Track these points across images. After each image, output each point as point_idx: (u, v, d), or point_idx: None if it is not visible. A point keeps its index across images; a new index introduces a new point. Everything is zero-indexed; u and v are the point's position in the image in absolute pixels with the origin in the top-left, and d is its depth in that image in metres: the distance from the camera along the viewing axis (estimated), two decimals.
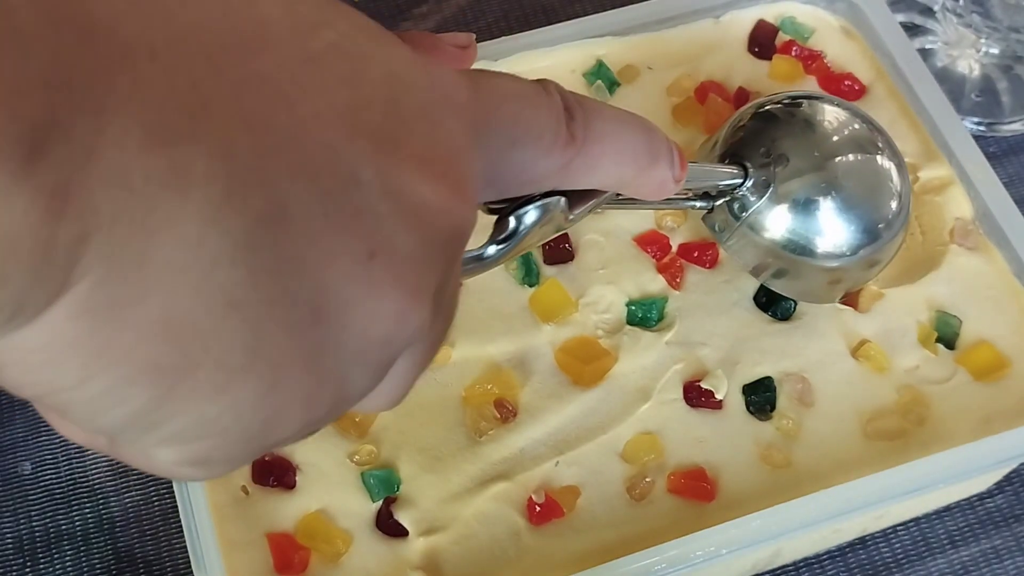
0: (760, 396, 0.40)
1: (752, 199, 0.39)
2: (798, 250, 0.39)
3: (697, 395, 0.40)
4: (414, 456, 0.39)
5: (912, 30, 0.57)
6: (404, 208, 0.20)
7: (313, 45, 0.19)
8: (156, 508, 0.46)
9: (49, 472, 0.46)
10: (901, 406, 0.40)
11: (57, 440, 0.47)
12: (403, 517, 0.38)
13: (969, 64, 0.57)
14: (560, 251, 0.43)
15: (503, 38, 0.46)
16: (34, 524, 0.45)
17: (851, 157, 0.39)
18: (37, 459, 0.46)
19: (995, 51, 0.57)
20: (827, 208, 0.39)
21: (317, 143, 0.19)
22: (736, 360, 0.41)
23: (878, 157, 0.40)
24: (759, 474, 0.39)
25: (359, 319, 0.19)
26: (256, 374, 0.18)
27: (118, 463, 0.47)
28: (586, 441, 0.39)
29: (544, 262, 0.43)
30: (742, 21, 0.49)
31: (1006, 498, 0.47)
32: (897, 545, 0.45)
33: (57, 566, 0.44)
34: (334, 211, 0.19)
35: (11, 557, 0.45)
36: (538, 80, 0.26)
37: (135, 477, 0.46)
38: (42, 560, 0.45)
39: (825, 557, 0.45)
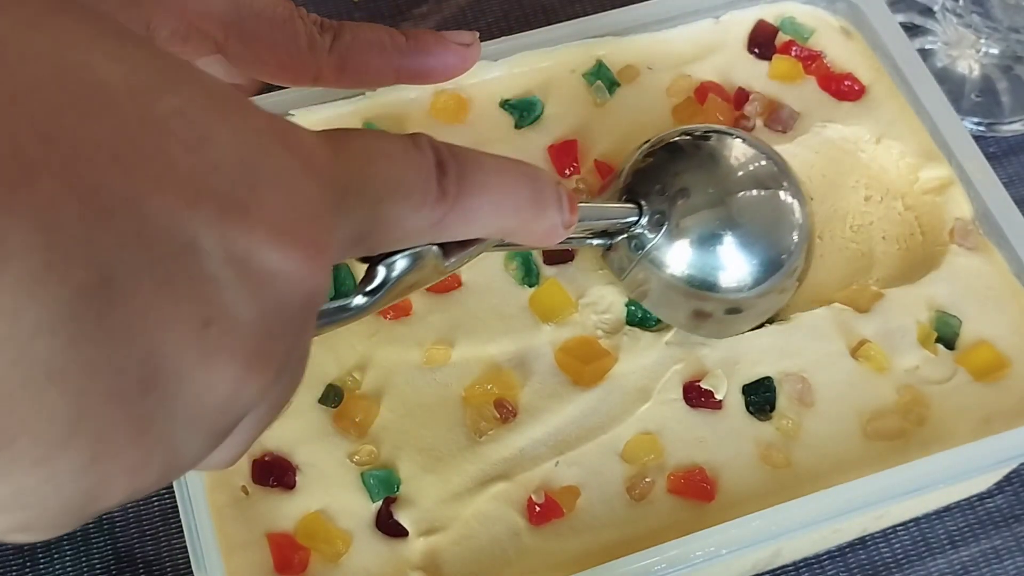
0: (760, 396, 0.40)
1: (649, 236, 0.39)
2: (697, 285, 0.39)
3: (697, 395, 0.40)
4: (414, 456, 0.39)
5: (912, 30, 0.57)
6: (249, 275, 0.19)
7: (155, 110, 0.19)
8: (156, 508, 0.46)
9: None
10: (901, 406, 0.40)
11: None
12: (403, 517, 0.38)
13: (969, 64, 0.57)
14: (560, 251, 0.43)
15: (503, 38, 0.46)
16: None
17: (752, 193, 0.39)
18: None
19: (995, 51, 0.57)
20: (726, 243, 0.38)
21: (154, 210, 0.18)
22: (736, 360, 0.41)
23: (780, 193, 0.40)
24: (759, 474, 0.39)
25: (192, 388, 0.19)
26: (77, 446, 0.18)
27: None
28: (586, 441, 0.39)
29: (544, 262, 0.43)
30: (742, 21, 0.49)
31: (1006, 498, 0.47)
32: (897, 545, 0.45)
33: (57, 566, 0.44)
34: (167, 279, 0.18)
35: (11, 557, 0.45)
36: (410, 135, 0.26)
37: None
38: (42, 560, 0.45)
39: (825, 557, 0.45)
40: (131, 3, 0.32)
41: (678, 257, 0.39)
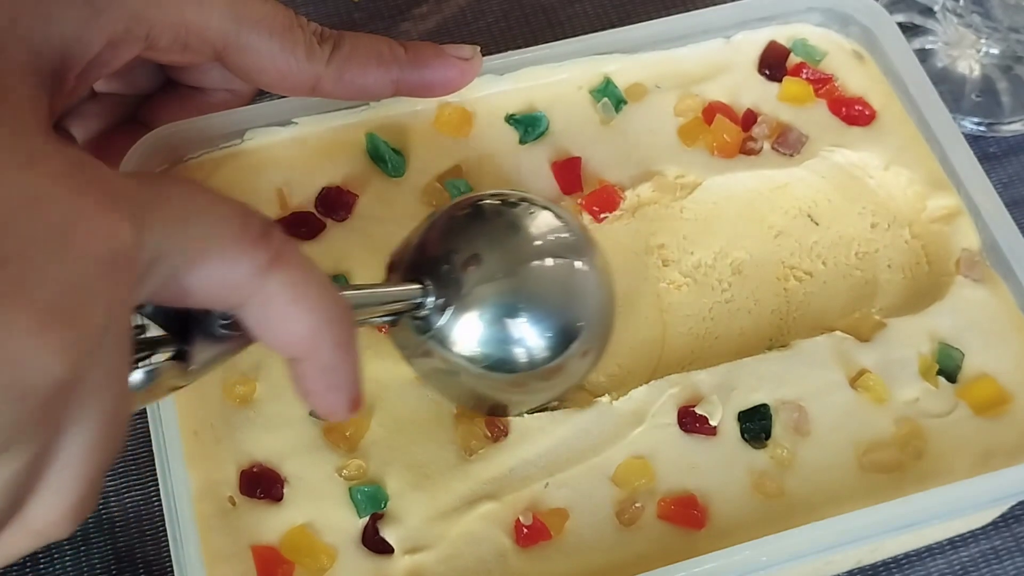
0: (755, 423, 0.40)
1: (436, 315, 0.35)
2: (484, 363, 0.36)
3: (691, 420, 0.40)
4: (403, 472, 0.39)
5: (912, 30, 0.57)
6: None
7: None
8: (156, 508, 0.46)
9: None
10: (899, 439, 0.40)
11: None
12: (389, 534, 0.38)
13: (969, 64, 0.56)
14: None
15: (509, 52, 0.46)
16: None
17: (545, 263, 0.36)
18: None
19: (995, 51, 0.56)
20: (516, 318, 0.35)
21: None
22: (732, 386, 0.40)
23: (576, 263, 0.37)
24: (751, 503, 0.39)
25: None
26: None
27: (118, 464, 0.47)
28: (577, 463, 0.39)
29: None
30: (753, 42, 0.48)
31: None
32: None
33: (57, 566, 0.45)
34: None
35: None
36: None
37: (135, 477, 0.47)
38: (42, 560, 0.45)
39: None
40: (130, 15, 0.33)
41: (464, 335, 0.35)
